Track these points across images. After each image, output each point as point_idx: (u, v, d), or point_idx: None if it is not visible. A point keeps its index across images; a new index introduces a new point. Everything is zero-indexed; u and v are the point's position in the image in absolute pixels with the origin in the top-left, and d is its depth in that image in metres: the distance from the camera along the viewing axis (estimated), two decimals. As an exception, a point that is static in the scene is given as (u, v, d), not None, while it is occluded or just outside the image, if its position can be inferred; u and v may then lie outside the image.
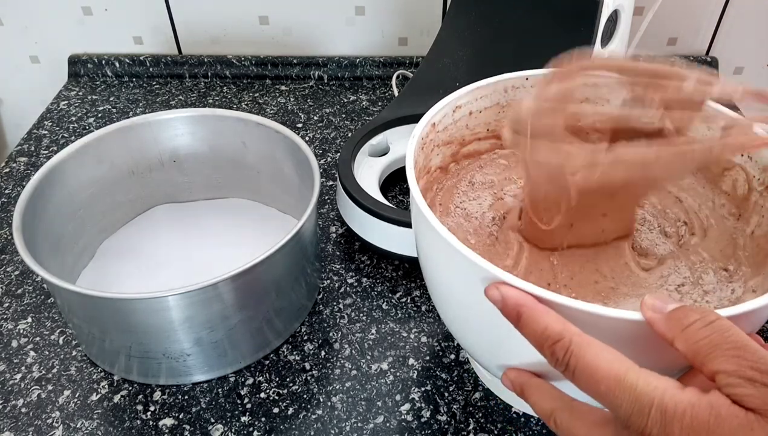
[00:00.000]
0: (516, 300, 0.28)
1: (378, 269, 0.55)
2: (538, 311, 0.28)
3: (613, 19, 0.59)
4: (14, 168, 0.67)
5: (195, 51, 0.84)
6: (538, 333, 0.28)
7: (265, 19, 0.81)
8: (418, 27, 0.81)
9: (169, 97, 0.79)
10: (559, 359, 0.27)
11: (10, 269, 0.55)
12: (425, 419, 0.44)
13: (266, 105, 0.77)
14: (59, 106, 0.77)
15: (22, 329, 0.50)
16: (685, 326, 0.26)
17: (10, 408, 0.44)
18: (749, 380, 0.24)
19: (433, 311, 0.51)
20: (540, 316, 0.28)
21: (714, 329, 0.25)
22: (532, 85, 0.45)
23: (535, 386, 0.31)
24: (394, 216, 0.51)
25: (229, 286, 0.41)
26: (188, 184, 0.58)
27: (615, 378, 0.25)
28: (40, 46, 0.83)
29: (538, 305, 0.28)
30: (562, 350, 0.27)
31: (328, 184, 0.64)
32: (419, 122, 0.40)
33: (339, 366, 0.47)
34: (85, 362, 0.47)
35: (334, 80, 0.82)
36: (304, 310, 0.50)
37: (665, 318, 0.27)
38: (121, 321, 0.41)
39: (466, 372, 0.47)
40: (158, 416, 0.44)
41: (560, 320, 0.27)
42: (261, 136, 0.53)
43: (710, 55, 0.83)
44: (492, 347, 0.35)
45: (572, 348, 0.26)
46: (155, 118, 0.53)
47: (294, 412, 0.44)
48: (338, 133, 0.72)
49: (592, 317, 0.28)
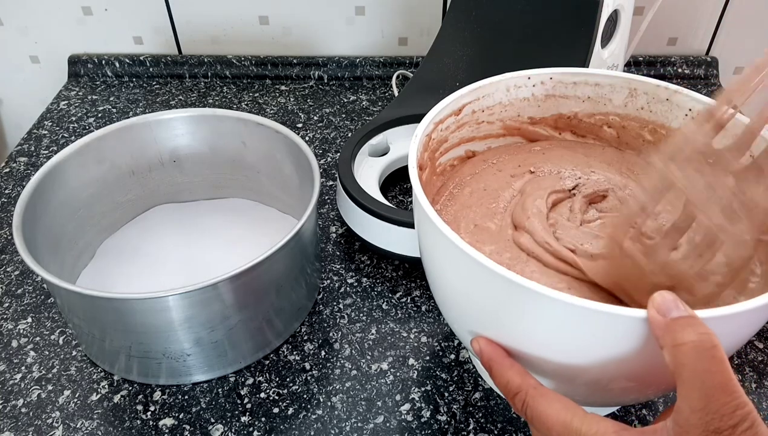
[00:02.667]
0: (489, 355, 0.33)
1: (378, 269, 0.55)
2: (504, 366, 0.32)
3: (613, 19, 0.59)
4: (14, 168, 0.67)
5: (195, 51, 0.84)
6: (503, 385, 0.32)
7: (265, 19, 0.81)
8: (418, 27, 0.81)
9: (169, 97, 0.79)
10: (519, 408, 0.31)
11: (10, 269, 0.55)
12: (425, 419, 0.44)
13: (266, 105, 0.77)
14: (59, 106, 0.77)
15: (22, 329, 0.50)
16: (678, 343, 0.26)
17: (10, 408, 0.44)
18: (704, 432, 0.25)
19: (433, 311, 0.51)
20: (504, 370, 0.32)
21: (703, 358, 0.25)
22: (534, 85, 0.45)
23: (508, 365, 0.33)
24: (394, 216, 0.51)
25: (229, 286, 0.41)
26: (188, 184, 0.58)
27: (563, 424, 0.29)
28: (40, 46, 0.83)
29: (504, 359, 0.33)
30: (520, 401, 0.31)
31: (328, 184, 0.64)
32: (423, 120, 0.40)
33: (339, 366, 0.47)
34: (85, 362, 0.47)
35: (334, 80, 0.82)
36: (304, 310, 0.50)
37: (665, 324, 0.27)
38: (121, 321, 0.41)
39: (466, 372, 0.47)
40: (158, 416, 0.44)
41: (520, 374, 0.32)
42: (261, 136, 0.53)
43: (710, 55, 0.83)
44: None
45: (527, 400, 0.31)
46: (155, 118, 0.53)
47: (294, 412, 0.44)
48: (338, 133, 0.72)
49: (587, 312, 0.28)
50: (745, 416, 0.24)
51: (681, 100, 0.42)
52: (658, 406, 0.45)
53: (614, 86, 0.44)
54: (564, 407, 0.30)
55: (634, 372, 0.31)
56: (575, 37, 0.56)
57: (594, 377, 0.32)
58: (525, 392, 0.31)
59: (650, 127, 0.44)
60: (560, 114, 0.46)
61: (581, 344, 0.30)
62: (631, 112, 0.45)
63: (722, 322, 0.28)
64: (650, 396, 0.43)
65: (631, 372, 0.31)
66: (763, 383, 0.46)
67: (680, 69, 0.81)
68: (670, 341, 0.26)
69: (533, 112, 0.46)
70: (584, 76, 0.45)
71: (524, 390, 0.31)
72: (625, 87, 0.44)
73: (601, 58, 0.59)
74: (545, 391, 0.31)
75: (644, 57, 0.81)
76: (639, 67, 0.81)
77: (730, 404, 0.24)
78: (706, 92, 0.72)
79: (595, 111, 0.46)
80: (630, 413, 0.44)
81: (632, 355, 0.29)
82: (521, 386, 0.31)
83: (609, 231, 0.34)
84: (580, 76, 0.45)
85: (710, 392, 0.25)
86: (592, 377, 0.32)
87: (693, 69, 0.81)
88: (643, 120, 0.44)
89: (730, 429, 0.24)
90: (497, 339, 0.34)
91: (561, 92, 0.45)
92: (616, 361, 0.30)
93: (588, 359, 0.31)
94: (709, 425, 0.25)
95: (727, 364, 0.25)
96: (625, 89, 0.44)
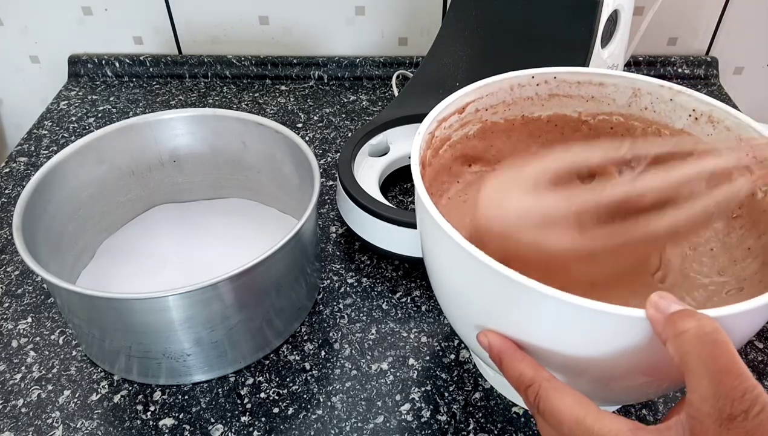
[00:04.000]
0: (498, 347, 0.32)
1: (378, 269, 0.55)
2: (515, 359, 0.32)
3: (613, 19, 0.59)
4: (14, 168, 0.67)
5: (195, 51, 0.84)
6: (515, 378, 0.31)
7: (265, 19, 0.81)
8: (418, 27, 0.81)
9: (169, 97, 0.79)
10: (531, 402, 0.30)
11: (10, 269, 0.55)
12: (425, 419, 0.44)
13: (266, 105, 0.77)
14: (59, 106, 0.77)
15: (22, 329, 0.50)
16: (679, 332, 0.26)
17: (10, 408, 0.44)
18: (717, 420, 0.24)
19: (433, 311, 0.51)
20: (516, 363, 0.31)
21: (706, 342, 0.25)
22: (537, 84, 0.45)
23: (520, 358, 0.32)
24: (394, 216, 0.51)
25: (229, 286, 0.41)
26: (188, 184, 0.58)
27: (575, 420, 0.28)
28: (40, 46, 0.83)
29: (515, 352, 0.32)
30: (533, 394, 0.30)
31: (328, 184, 0.64)
32: (426, 118, 0.40)
33: (339, 366, 0.47)
34: (85, 362, 0.47)
35: (334, 80, 0.82)
36: (304, 310, 0.50)
37: (664, 319, 0.27)
38: (121, 321, 0.41)
39: (466, 372, 0.47)
40: (158, 416, 0.44)
41: (533, 367, 0.31)
42: (261, 136, 0.53)
43: (710, 55, 0.83)
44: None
45: (540, 393, 0.30)
46: (155, 118, 0.53)
47: (294, 412, 0.44)
48: (338, 133, 0.72)
49: (593, 313, 0.28)
50: (755, 400, 0.24)
51: (684, 101, 0.42)
52: (657, 406, 0.45)
53: (618, 86, 0.44)
54: (577, 402, 0.29)
55: (634, 370, 0.31)
56: (575, 37, 0.56)
57: (595, 375, 0.32)
58: (538, 384, 0.30)
59: (654, 128, 0.44)
60: (563, 114, 0.46)
61: (582, 341, 0.30)
62: (635, 112, 0.45)
63: (722, 322, 0.28)
64: (651, 396, 0.43)
65: (632, 371, 0.31)
66: (763, 383, 0.46)
67: (680, 69, 0.81)
68: (672, 332, 0.26)
69: (536, 111, 0.46)
70: (588, 75, 0.45)
71: (537, 383, 0.30)
72: (629, 87, 0.44)
73: (601, 58, 0.59)
74: (558, 385, 0.30)
75: (644, 57, 0.81)
76: (639, 67, 0.81)
77: (738, 388, 0.24)
78: (706, 92, 0.72)
79: (598, 111, 0.46)
80: (630, 413, 0.44)
81: (633, 353, 0.29)
82: (534, 378, 0.30)
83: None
84: (584, 76, 0.45)
85: (717, 377, 0.24)
86: (593, 375, 0.32)
87: (693, 69, 0.82)
88: (646, 120, 0.44)
89: (742, 414, 0.24)
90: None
91: (565, 92, 0.45)
92: (618, 359, 0.30)
93: (588, 357, 0.31)
94: (722, 412, 0.24)
95: (731, 345, 0.25)
96: (629, 89, 0.44)
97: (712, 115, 0.41)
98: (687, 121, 0.42)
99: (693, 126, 0.42)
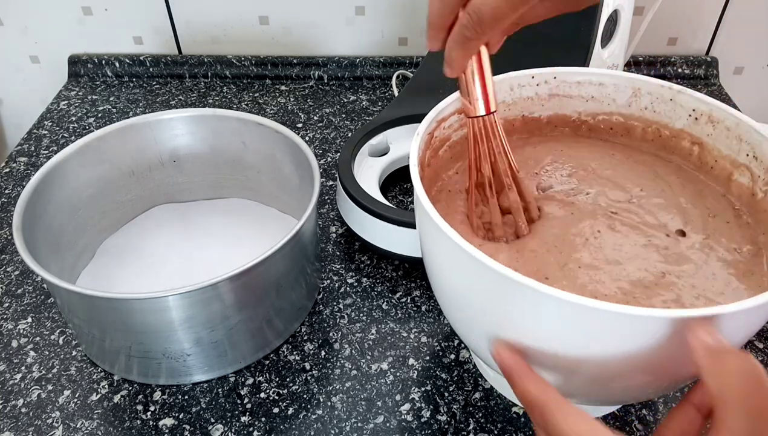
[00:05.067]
0: (509, 364, 0.33)
1: (378, 269, 0.55)
2: (524, 377, 0.32)
3: (613, 19, 0.59)
4: (14, 168, 0.67)
5: (195, 51, 0.84)
6: (523, 395, 0.32)
7: (265, 19, 0.81)
8: (418, 27, 0.81)
9: (169, 97, 0.79)
10: (537, 422, 0.31)
11: (10, 269, 0.55)
12: (425, 419, 0.44)
13: (266, 105, 0.77)
14: (59, 106, 0.77)
15: (22, 329, 0.50)
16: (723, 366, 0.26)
17: (10, 408, 0.44)
18: None
19: (433, 311, 0.51)
20: (524, 382, 0.32)
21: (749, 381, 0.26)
22: (537, 84, 0.45)
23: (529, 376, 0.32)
24: (394, 216, 0.51)
25: (229, 286, 0.41)
26: (188, 184, 0.58)
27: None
28: (40, 46, 0.83)
29: (525, 369, 0.32)
30: (539, 414, 0.30)
31: (328, 184, 0.64)
32: (425, 118, 0.40)
33: (339, 366, 0.47)
34: (85, 362, 0.47)
35: (334, 80, 0.82)
36: (304, 310, 0.50)
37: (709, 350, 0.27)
38: (121, 321, 0.41)
39: (466, 372, 0.47)
40: (158, 416, 0.44)
41: (540, 385, 0.31)
42: (261, 136, 0.53)
43: (710, 56, 0.83)
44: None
45: (545, 411, 0.30)
46: (155, 118, 0.53)
47: (294, 412, 0.44)
48: (338, 133, 0.72)
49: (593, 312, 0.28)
50: None
51: (684, 101, 0.42)
52: (657, 406, 0.45)
53: (618, 86, 0.44)
54: (583, 420, 0.29)
55: (635, 370, 0.31)
56: (575, 37, 0.56)
57: (595, 374, 0.32)
58: (543, 403, 0.30)
59: (654, 128, 0.44)
60: (563, 114, 0.46)
61: (582, 340, 0.30)
62: (635, 112, 0.45)
63: (722, 320, 0.28)
64: (651, 396, 0.43)
65: (632, 370, 0.31)
66: (763, 383, 0.46)
67: (680, 69, 0.81)
68: (714, 365, 0.27)
69: (536, 111, 0.46)
70: (588, 75, 0.45)
71: (543, 403, 0.30)
72: (629, 87, 0.44)
73: (601, 58, 0.59)
74: (564, 403, 0.30)
75: (644, 57, 0.81)
76: (639, 67, 0.81)
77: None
78: (706, 92, 0.72)
79: (598, 111, 0.46)
80: (630, 413, 0.44)
81: (633, 352, 0.29)
82: (541, 398, 0.30)
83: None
84: (584, 76, 0.45)
85: (754, 414, 0.25)
86: (593, 375, 0.32)
87: (693, 69, 0.82)
88: (646, 120, 0.44)
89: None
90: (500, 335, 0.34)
91: (565, 92, 0.45)
92: (618, 358, 0.30)
93: (588, 356, 0.31)
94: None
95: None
96: (629, 89, 0.44)
97: (712, 115, 0.41)
98: (687, 121, 0.42)
99: (693, 126, 0.42)
